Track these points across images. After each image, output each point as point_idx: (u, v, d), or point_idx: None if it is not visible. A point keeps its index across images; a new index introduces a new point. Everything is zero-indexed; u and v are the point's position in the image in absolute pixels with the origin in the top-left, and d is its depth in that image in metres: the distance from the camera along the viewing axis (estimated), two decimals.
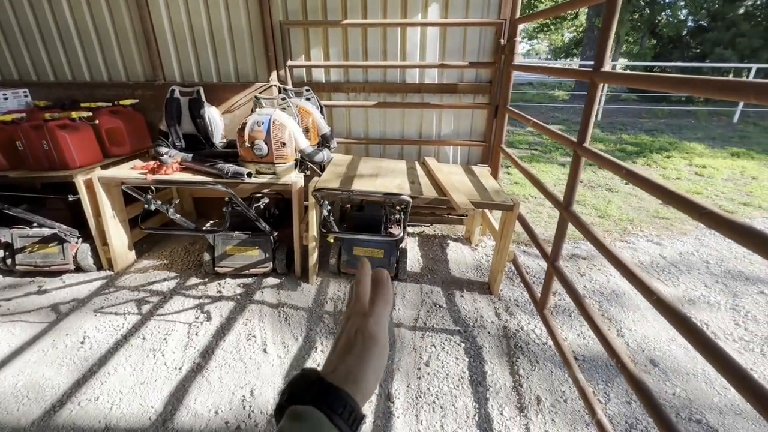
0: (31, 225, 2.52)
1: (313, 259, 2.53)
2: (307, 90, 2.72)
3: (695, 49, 12.70)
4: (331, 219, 2.25)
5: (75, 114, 2.45)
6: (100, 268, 2.69)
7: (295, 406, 0.35)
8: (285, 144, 2.30)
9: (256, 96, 2.44)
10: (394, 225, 2.72)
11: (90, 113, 2.55)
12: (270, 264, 2.57)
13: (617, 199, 4.22)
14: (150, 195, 1.97)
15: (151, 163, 2.52)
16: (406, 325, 2.23)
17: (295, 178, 2.40)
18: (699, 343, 0.94)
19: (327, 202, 2.20)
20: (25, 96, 2.91)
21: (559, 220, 1.79)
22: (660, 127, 8.31)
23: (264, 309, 2.33)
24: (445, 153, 3.21)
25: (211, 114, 2.70)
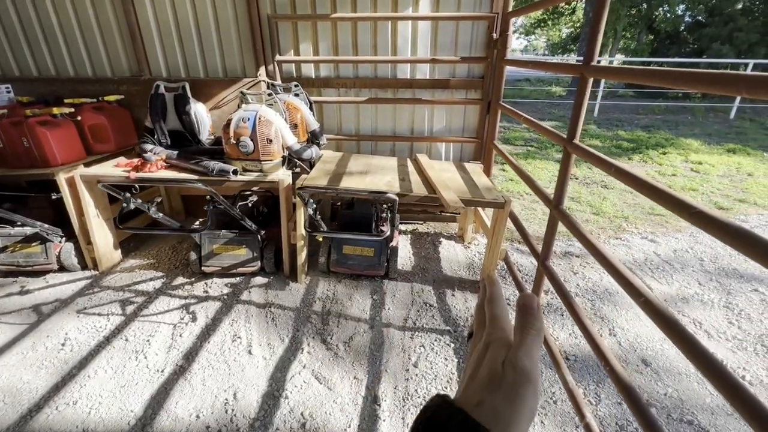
0: (13, 224, 2.46)
1: (301, 258, 2.48)
2: (296, 85, 2.67)
3: (693, 45, 12.66)
4: (318, 218, 2.20)
5: (56, 110, 2.39)
6: (84, 267, 2.64)
7: None
8: (271, 141, 2.25)
9: (242, 91, 2.38)
10: (386, 224, 2.67)
11: (72, 109, 2.48)
12: (258, 263, 2.53)
13: (612, 195, 4.19)
14: (129, 194, 1.92)
15: (135, 160, 2.46)
16: (396, 325, 2.19)
17: (283, 176, 2.34)
18: (689, 350, 0.90)
19: (313, 200, 2.15)
20: (8, 92, 2.84)
21: (549, 218, 1.75)
22: (656, 124, 8.28)
23: (251, 309, 2.29)
24: (438, 149, 3.16)
25: (198, 110, 2.64)
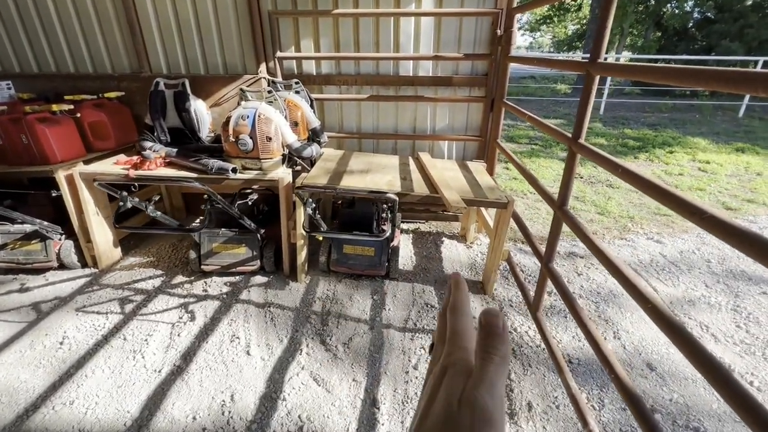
0: (13, 221, 2.46)
1: (301, 257, 2.46)
2: (297, 82, 2.63)
3: (701, 42, 12.46)
4: (317, 217, 2.17)
5: (56, 107, 2.37)
6: (84, 265, 2.63)
7: None
8: (271, 139, 2.22)
9: (242, 89, 2.35)
10: (387, 223, 2.64)
11: (72, 106, 2.46)
12: (258, 262, 2.50)
13: (618, 195, 4.13)
14: (126, 192, 1.90)
15: (134, 158, 2.44)
16: (396, 326, 2.16)
17: (283, 174, 2.32)
18: (696, 359, 0.87)
19: (312, 200, 2.12)
20: (8, 88, 2.83)
21: (553, 219, 1.70)
22: (663, 122, 8.17)
23: (250, 309, 2.27)
24: (440, 148, 3.12)
25: (197, 107, 2.62)
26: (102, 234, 2.57)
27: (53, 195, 2.40)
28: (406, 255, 2.87)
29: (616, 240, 3.21)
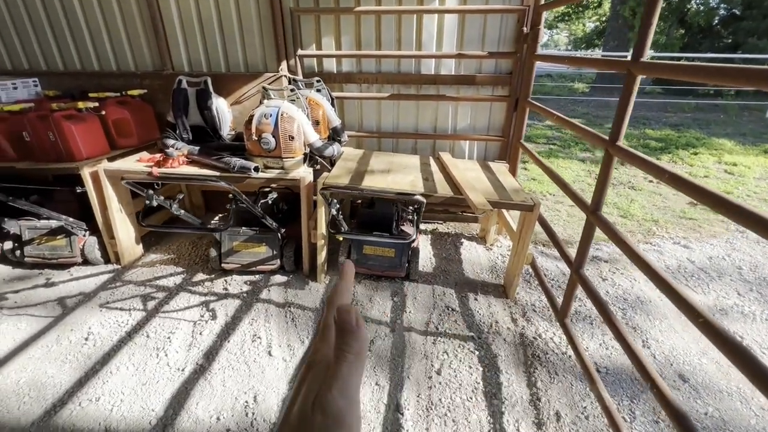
0: (39, 217, 2.50)
1: (321, 257, 2.44)
2: (318, 81, 2.61)
3: (726, 39, 12.05)
4: (340, 218, 2.15)
5: (81, 104, 2.39)
6: (107, 261, 2.66)
7: None
8: (293, 137, 2.20)
9: (264, 87, 2.34)
10: (407, 223, 2.61)
11: (97, 103, 2.49)
12: (277, 261, 2.50)
13: (641, 197, 4.01)
14: (152, 191, 1.90)
15: (156, 155, 2.45)
16: (417, 329, 2.13)
17: (304, 173, 2.30)
18: (759, 381, 0.81)
19: (335, 200, 2.10)
20: (35, 85, 2.87)
21: (586, 224, 1.65)
22: (686, 122, 7.93)
23: (270, 308, 2.26)
24: (461, 148, 3.06)
25: (219, 105, 2.62)
26: (125, 231, 2.60)
27: (78, 191, 2.43)
28: (425, 256, 2.84)
29: (641, 244, 3.12)
